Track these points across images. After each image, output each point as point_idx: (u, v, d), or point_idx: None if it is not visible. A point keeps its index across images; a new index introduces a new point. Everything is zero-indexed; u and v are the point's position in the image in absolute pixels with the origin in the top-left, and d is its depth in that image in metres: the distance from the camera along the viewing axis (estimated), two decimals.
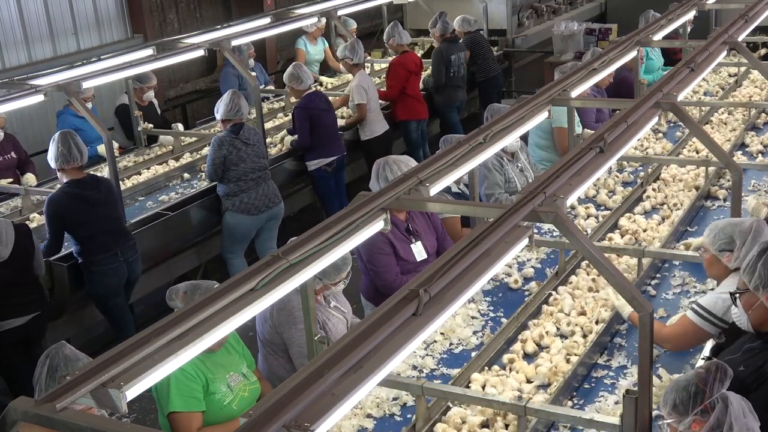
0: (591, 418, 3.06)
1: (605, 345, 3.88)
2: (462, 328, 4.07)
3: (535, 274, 4.59)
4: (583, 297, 4.20)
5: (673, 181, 5.63)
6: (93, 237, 5.43)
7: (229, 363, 3.67)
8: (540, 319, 4.08)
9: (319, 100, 7.34)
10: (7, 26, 8.13)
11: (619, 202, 5.36)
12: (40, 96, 5.79)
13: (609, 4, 13.36)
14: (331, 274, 3.83)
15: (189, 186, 6.91)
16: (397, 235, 4.55)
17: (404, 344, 2.21)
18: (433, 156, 3.59)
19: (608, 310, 4.04)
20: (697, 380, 2.50)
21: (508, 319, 4.06)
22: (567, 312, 4.09)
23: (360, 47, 7.98)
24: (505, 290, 4.45)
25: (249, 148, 6.37)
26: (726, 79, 7.93)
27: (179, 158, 7.35)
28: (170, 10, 10.21)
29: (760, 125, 6.61)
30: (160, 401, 3.52)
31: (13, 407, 2.01)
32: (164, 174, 7.04)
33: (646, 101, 4.03)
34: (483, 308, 4.27)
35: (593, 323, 3.95)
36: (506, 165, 5.52)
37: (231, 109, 6.33)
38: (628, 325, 3.98)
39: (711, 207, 5.34)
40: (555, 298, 4.21)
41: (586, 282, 4.35)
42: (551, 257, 4.76)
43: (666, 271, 4.55)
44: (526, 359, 3.76)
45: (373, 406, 3.52)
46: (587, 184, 3.28)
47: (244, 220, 6.46)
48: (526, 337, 3.89)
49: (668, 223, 4.99)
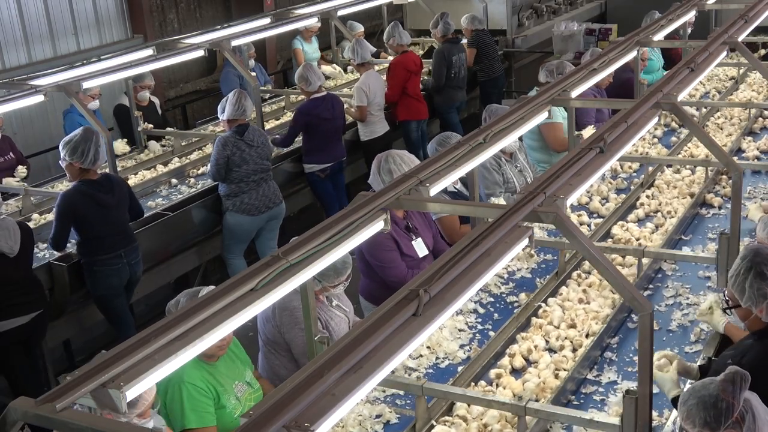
0: (591, 418, 3.06)
1: (595, 360, 3.78)
2: (449, 342, 3.96)
3: (525, 284, 4.46)
4: (574, 309, 4.10)
5: (667, 188, 5.52)
6: (99, 238, 5.42)
7: (233, 372, 3.67)
8: (529, 332, 3.97)
9: (323, 106, 7.24)
10: (7, 26, 8.13)
11: (612, 209, 5.26)
12: (40, 96, 5.79)
13: (609, 4, 13.36)
14: (331, 276, 3.83)
15: (177, 192, 6.78)
16: (398, 233, 4.58)
17: (404, 344, 2.21)
18: (433, 156, 3.59)
19: (599, 322, 3.94)
20: (725, 395, 2.44)
21: (496, 332, 3.96)
22: (556, 325, 3.99)
23: (361, 47, 7.98)
24: (494, 301, 4.35)
25: (252, 150, 6.35)
26: (724, 82, 7.85)
27: (167, 163, 7.22)
28: (170, 10, 10.21)
29: (757, 130, 6.52)
30: (173, 418, 3.49)
31: (13, 407, 2.01)
32: (152, 179, 6.91)
33: (646, 101, 4.03)
34: (471, 320, 4.17)
35: (583, 336, 3.86)
36: (504, 165, 5.53)
37: (237, 109, 6.31)
38: (619, 338, 3.92)
39: (706, 215, 5.22)
40: (544, 310, 4.10)
41: (577, 293, 4.24)
42: (542, 266, 4.67)
43: (659, 281, 4.45)
44: (513, 374, 3.66)
45: (356, 424, 3.42)
46: (587, 184, 3.28)
47: (244, 221, 6.46)
48: (515, 351, 3.80)
49: (662, 231, 4.89)
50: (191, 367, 3.47)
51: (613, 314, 3.96)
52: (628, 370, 3.69)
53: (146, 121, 7.65)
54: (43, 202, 6.37)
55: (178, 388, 3.45)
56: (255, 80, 7.48)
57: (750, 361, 2.98)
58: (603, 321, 3.93)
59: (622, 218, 5.14)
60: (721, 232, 4.05)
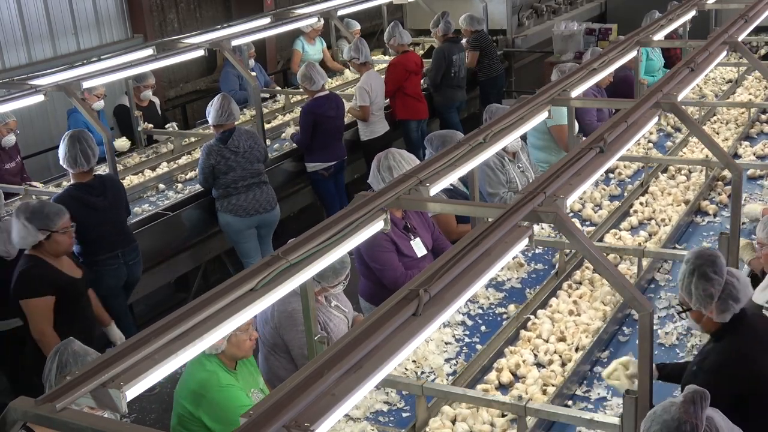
0: (591, 418, 3.07)
1: (585, 375, 3.69)
2: (435, 356, 3.86)
3: (515, 294, 4.39)
4: (563, 321, 4.02)
5: (662, 195, 5.43)
6: (94, 240, 5.42)
7: (250, 380, 3.68)
8: (517, 346, 3.88)
9: (328, 105, 7.24)
10: (7, 26, 8.13)
11: (605, 216, 5.17)
12: (40, 96, 5.79)
13: (609, 4, 13.36)
14: (330, 277, 3.83)
15: (164, 197, 6.69)
16: (396, 233, 4.57)
17: (404, 344, 2.21)
18: (433, 156, 3.59)
19: (589, 335, 3.85)
20: (687, 417, 2.37)
21: (484, 345, 3.87)
22: (545, 338, 3.90)
23: (364, 46, 7.98)
24: (483, 313, 4.28)
25: (239, 156, 6.26)
26: (721, 85, 7.77)
27: (155, 168, 7.15)
28: (170, 10, 10.21)
29: (754, 135, 6.45)
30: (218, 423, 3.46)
31: (13, 407, 2.01)
32: (140, 184, 6.81)
33: (646, 101, 4.03)
34: (458, 333, 4.08)
35: (573, 350, 3.77)
36: (507, 165, 5.53)
37: (222, 114, 6.24)
38: (610, 352, 3.83)
39: (701, 222, 5.14)
40: (533, 323, 4.02)
41: (567, 305, 4.16)
42: (532, 276, 4.60)
43: (651, 291, 4.38)
44: (500, 390, 3.58)
45: None
46: (587, 184, 3.28)
47: (233, 221, 6.40)
48: (502, 365, 3.70)
49: (655, 240, 4.82)
50: (223, 372, 3.48)
51: (604, 327, 3.87)
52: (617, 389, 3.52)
53: (146, 121, 7.65)
54: None
55: (221, 393, 3.44)
56: (255, 80, 7.47)
57: (711, 364, 3.03)
58: (593, 334, 3.85)
59: (615, 226, 5.05)
60: (721, 232, 4.04)
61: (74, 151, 5.30)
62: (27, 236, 4.57)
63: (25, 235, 4.57)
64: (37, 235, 4.57)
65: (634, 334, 3.90)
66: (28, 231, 4.55)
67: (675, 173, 5.78)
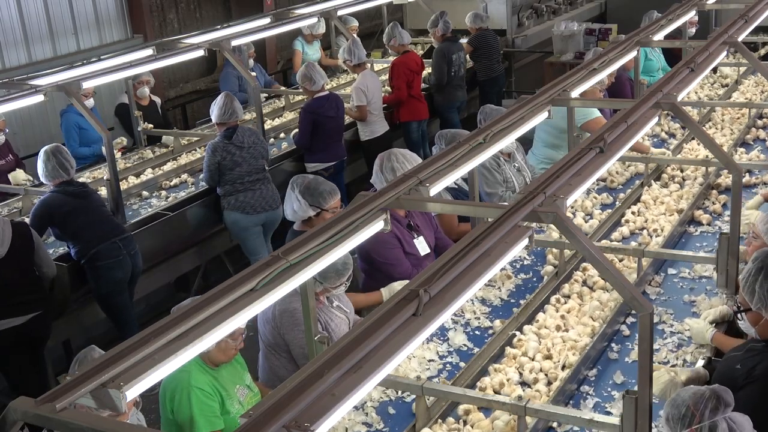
0: (591, 418, 3.06)
1: (571, 394, 3.54)
2: (416, 374, 3.70)
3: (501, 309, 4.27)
4: (550, 337, 3.85)
5: (654, 204, 5.27)
6: (88, 228, 5.48)
7: (235, 376, 3.69)
8: (502, 364, 3.71)
9: (328, 105, 7.25)
10: (7, 26, 8.14)
11: (596, 226, 5.01)
12: (40, 96, 5.79)
13: (609, 4, 13.36)
14: (332, 277, 3.82)
15: (161, 198, 6.71)
16: (401, 231, 4.59)
17: (404, 344, 2.21)
18: (433, 156, 3.60)
19: (576, 353, 3.69)
20: (691, 402, 2.47)
21: (467, 363, 3.71)
22: (531, 356, 3.72)
23: (357, 47, 7.98)
24: (467, 328, 4.11)
25: (244, 152, 6.35)
26: (717, 90, 7.66)
27: (139, 175, 7.07)
28: (170, 10, 10.22)
29: (750, 141, 6.33)
30: (182, 424, 3.51)
31: (13, 407, 2.01)
32: (140, 184, 6.83)
33: (646, 101, 4.03)
34: (442, 349, 3.92)
35: (559, 369, 3.62)
36: (503, 165, 5.53)
37: (225, 112, 6.32)
38: (597, 371, 3.70)
39: (694, 232, 4.99)
40: (519, 339, 3.84)
41: (555, 320, 4.01)
42: (521, 289, 4.44)
43: None
44: (483, 411, 3.39)
45: None
46: (587, 184, 3.28)
47: (240, 218, 6.45)
48: (485, 384, 3.53)
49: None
50: (197, 372, 3.51)
51: (592, 344, 3.73)
52: (605, 406, 3.46)
53: (146, 120, 7.65)
54: None
55: (187, 393, 3.48)
56: (255, 80, 7.48)
57: (764, 370, 2.98)
58: (581, 351, 3.70)
59: (607, 236, 4.93)
60: (721, 232, 4.03)
61: (51, 164, 5.43)
62: (299, 210, 4.55)
63: (297, 208, 4.56)
64: (308, 211, 4.54)
65: (623, 350, 3.84)
66: (300, 206, 4.55)
67: (668, 181, 5.63)
